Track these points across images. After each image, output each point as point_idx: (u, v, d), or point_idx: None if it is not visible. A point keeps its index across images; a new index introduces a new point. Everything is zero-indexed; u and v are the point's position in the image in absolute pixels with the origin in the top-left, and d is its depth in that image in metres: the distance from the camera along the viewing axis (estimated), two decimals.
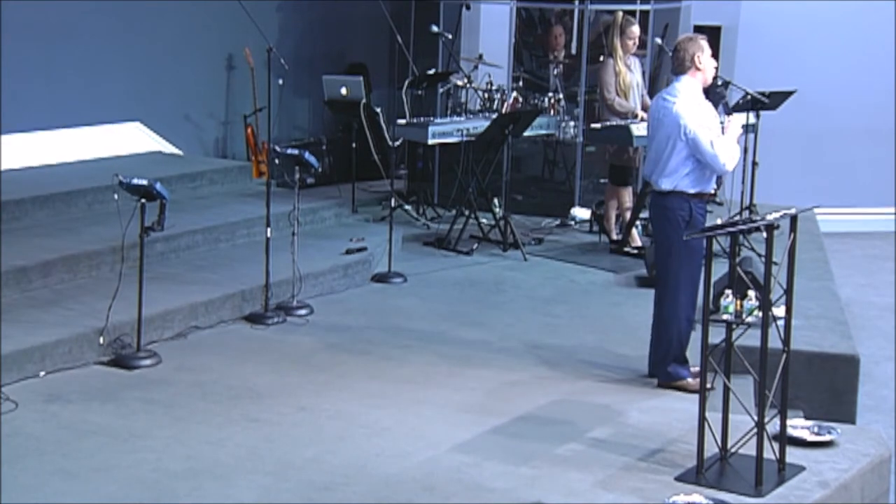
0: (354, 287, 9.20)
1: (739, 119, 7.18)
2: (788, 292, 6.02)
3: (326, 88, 11.48)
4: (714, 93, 9.83)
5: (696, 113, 7.04)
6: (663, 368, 7.23)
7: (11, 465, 5.82)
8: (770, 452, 5.92)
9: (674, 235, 7.08)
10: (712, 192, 7.19)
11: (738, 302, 5.97)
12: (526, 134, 10.68)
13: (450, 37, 11.47)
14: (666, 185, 7.12)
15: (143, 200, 7.23)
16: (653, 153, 7.27)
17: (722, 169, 7.06)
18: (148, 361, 7.31)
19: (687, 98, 7.09)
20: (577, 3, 11.75)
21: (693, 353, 7.05)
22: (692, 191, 7.10)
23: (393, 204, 9.81)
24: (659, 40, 11.03)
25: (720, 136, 7.03)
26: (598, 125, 10.28)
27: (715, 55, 7.41)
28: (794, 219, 6.01)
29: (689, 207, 7.09)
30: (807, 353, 7.77)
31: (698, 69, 7.13)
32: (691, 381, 7.11)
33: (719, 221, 6.21)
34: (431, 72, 11.46)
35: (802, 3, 13.32)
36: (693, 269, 7.10)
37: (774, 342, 5.90)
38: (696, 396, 6.04)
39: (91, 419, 6.47)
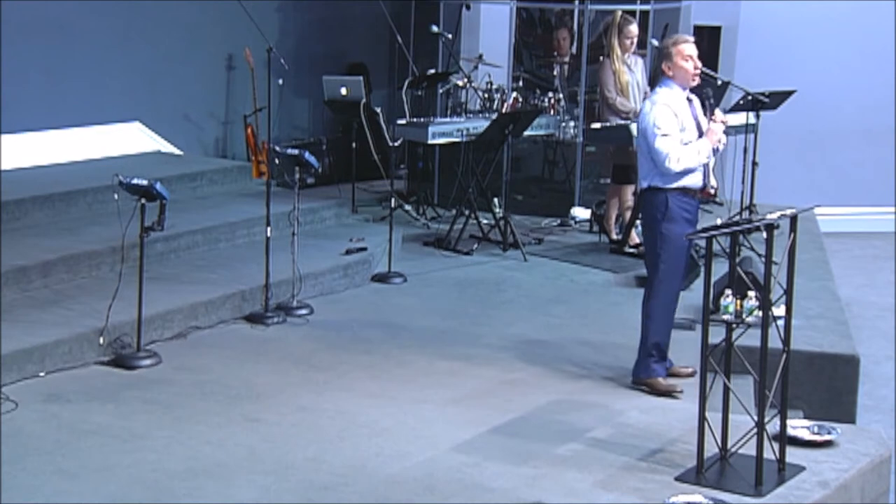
0: (354, 287, 9.20)
1: (720, 127, 7.12)
2: (788, 292, 6.02)
3: (326, 88, 11.48)
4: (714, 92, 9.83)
5: (658, 112, 7.01)
6: (638, 365, 7.22)
7: (11, 465, 5.82)
8: (770, 452, 5.93)
9: (652, 231, 7.14)
10: (703, 189, 7.13)
11: (738, 302, 5.97)
12: (526, 134, 10.69)
13: (450, 37, 11.47)
14: (644, 182, 7.16)
15: (143, 200, 7.23)
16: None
17: (664, 165, 6.95)
18: (148, 361, 7.30)
19: (660, 99, 7.06)
20: (577, 2, 11.76)
21: (693, 353, 7.06)
22: (670, 186, 7.05)
23: (393, 204, 9.81)
24: (655, 42, 11.02)
25: (673, 137, 6.97)
26: (598, 125, 10.29)
27: (715, 55, 7.42)
28: (794, 219, 6.01)
29: (666, 201, 7.04)
30: (807, 353, 7.78)
31: (671, 74, 7.09)
32: (661, 382, 7.12)
33: (719, 221, 6.21)
34: (431, 72, 11.46)
35: (802, 3, 13.32)
36: (672, 266, 7.10)
37: (774, 342, 5.90)
38: (695, 396, 6.03)
39: (91, 419, 6.47)
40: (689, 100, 7.17)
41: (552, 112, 11.28)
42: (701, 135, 7.09)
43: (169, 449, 6.13)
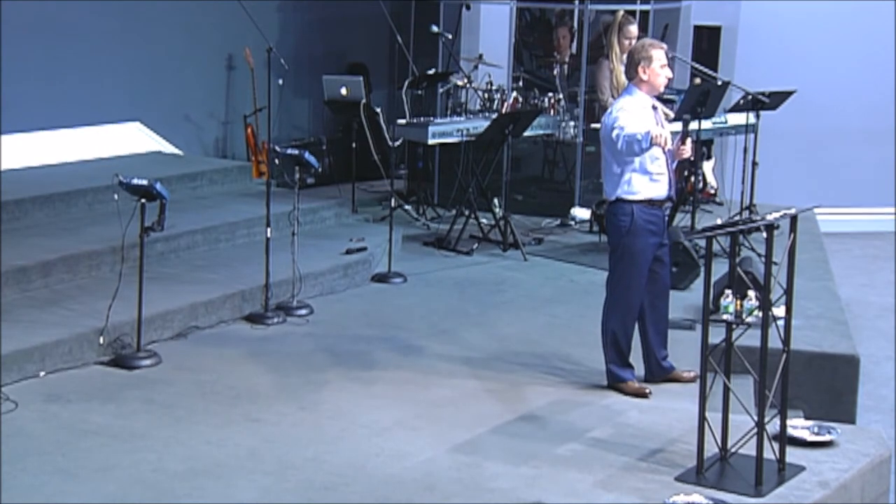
0: (354, 287, 9.20)
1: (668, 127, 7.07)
2: (788, 292, 6.02)
3: (326, 88, 11.48)
4: (714, 92, 9.83)
5: (617, 117, 6.91)
6: (606, 371, 7.22)
7: (11, 465, 5.82)
8: (770, 452, 5.92)
9: (614, 241, 7.13)
10: (667, 198, 7.09)
11: (738, 302, 5.97)
12: (526, 134, 10.68)
13: (450, 37, 11.47)
14: (610, 195, 7.08)
15: (143, 200, 7.23)
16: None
17: (619, 135, 6.77)
18: (148, 361, 7.30)
19: (622, 108, 6.96)
20: (577, 3, 11.76)
21: (693, 353, 7.06)
22: (636, 198, 7.00)
23: (393, 204, 9.81)
24: None
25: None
26: (598, 125, 10.28)
27: (715, 55, 7.36)
28: (794, 219, 6.01)
29: (632, 213, 7.00)
30: (807, 353, 7.77)
31: (642, 80, 6.99)
32: (631, 384, 7.12)
33: (719, 221, 6.20)
34: (431, 72, 11.46)
35: (802, 3, 13.31)
36: (630, 276, 7.07)
37: (774, 342, 5.90)
38: (695, 396, 6.04)
39: (91, 419, 6.47)
40: (654, 107, 7.07)
41: (552, 112, 11.28)
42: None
43: (169, 449, 6.13)
